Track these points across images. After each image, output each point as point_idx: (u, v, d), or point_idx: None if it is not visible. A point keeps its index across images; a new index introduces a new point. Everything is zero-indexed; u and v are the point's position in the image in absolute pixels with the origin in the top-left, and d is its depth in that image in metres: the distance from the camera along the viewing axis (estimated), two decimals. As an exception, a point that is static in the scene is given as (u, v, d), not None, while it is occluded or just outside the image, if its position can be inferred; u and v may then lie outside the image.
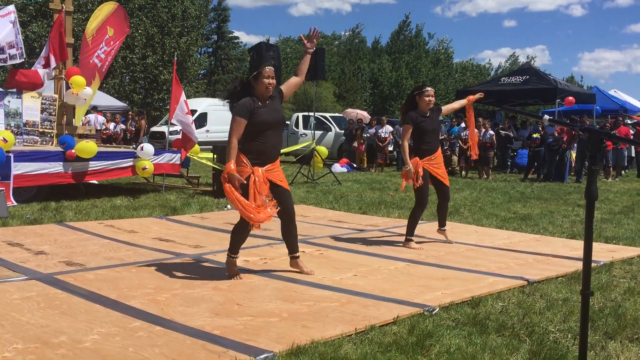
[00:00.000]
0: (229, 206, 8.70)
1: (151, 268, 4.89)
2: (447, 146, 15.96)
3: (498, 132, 16.24)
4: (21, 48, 9.51)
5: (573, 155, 14.71)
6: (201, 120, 20.65)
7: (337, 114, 24.54)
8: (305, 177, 12.93)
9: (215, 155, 10.67)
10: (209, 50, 46.99)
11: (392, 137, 17.28)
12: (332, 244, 6.07)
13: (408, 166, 5.80)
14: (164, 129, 18.45)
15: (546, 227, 7.37)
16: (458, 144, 15.73)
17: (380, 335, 3.41)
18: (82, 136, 10.21)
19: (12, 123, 9.51)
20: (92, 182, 10.40)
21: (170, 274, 4.68)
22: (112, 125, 17.91)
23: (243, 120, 4.39)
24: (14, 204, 8.15)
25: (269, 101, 4.53)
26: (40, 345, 3.14)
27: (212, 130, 21.18)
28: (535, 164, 14.86)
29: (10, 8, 9.56)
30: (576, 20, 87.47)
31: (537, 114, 4.25)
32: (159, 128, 20.89)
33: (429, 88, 5.99)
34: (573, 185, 13.00)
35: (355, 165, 17.43)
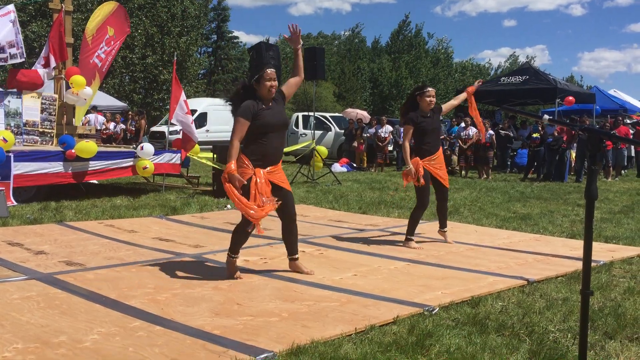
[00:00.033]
0: (229, 206, 8.70)
1: (151, 268, 4.89)
2: (447, 146, 15.96)
3: (498, 132, 16.25)
4: (21, 47, 9.50)
5: (573, 154, 14.71)
6: (201, 120, 20.63)
7: (337, 114, 24.55)
8: (305, 177, 12.94)
9: (215, 155, 10.66)
10: (208, 50, 46.97)
11: (392, 136, 17.29)
12: (332, 244, 6.07)
13: (408, 166, 5.82)
14: (164, 128, 18.45)
15: (546, 227, 7.38)
16: (458, 143, 15.74)
17: (380, 335, 3.41)
18: (82, 136, 10.21)
19: (12, 123, 9.51)
20: (92, 181, 10.40)
21: (170, 273, 4.69)
22: (112, 125, 17.93)
23: (246, 122, 4.38)
24: (14, 203, 8.16)
25: (272, 103, 4.53)
26: (40, 345, 3.14)
27: (212, 130, 21.17)
28: (535, 163, 14.87)
29: (9, 7, 9.55)
30: (576, 19, 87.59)
31: (537, 114, 4.26)
32: (159, 128, 20.88)
33: (430, 88, 5.98)
34: (573, 185, 13.00)
35: (355, 165, 17.44)
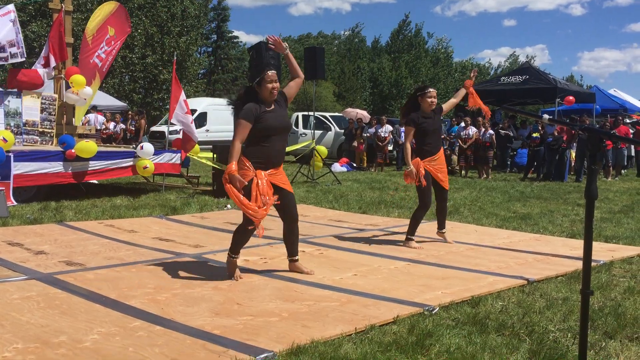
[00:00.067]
0: (229, 205, 8.70)
1: (151, 268, 4.89)
2: (447, 146, 15.96)
3: (498, 132, 16.25)
4: (22, 47, 9.50)
5: (573, 154, 14.72)
6: (201, 120, 20.63)
7: (336, 114, 24.55)
8: (305, 177, 12.94)
9: (215, 155, 10.66)
10: (208, 50, 46.95)
11: (392, 136, 17.29)
12: (332, 244, 6.07)
13: (410, 167, 5.82)
14: (164, 128, 18.45)
15: (546, 227, 7.37)
16: (458, 143, 15.74)
17: (380, 334, 3.41)
18: (82, 136, 10.21)
19: (12, 123, 9.51)
20: (92, 181, 10.39)
21: (170, 273, 4.69)
22: (112, 124, 17.93)
23: (248, 124, 4.37)
24: (14, 203, 8.16)
25: (274, 106, 4.53)
26: (40, 345, 3.14)
27: (212, 130, 21.17)
28: (535, 163, 14.86)
29: (9, 7, 9.55)
30: (576, 19, 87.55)
31: (537, 114, 4.24)
32: (158, 128, 20.89)
33: (431, 89, 5.97)
34: (573, 185, 13.00)
35: (355, 164, 17.43)
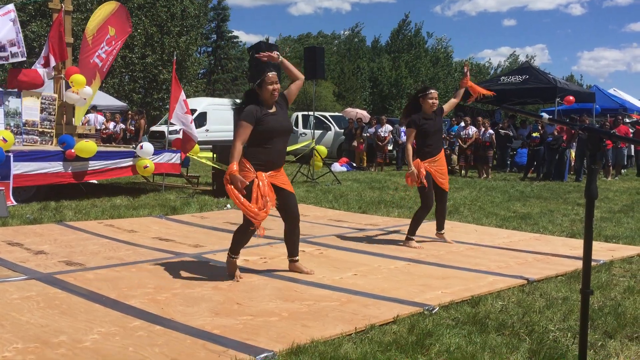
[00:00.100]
0: (228, 205, 8.70)
1: (151, 267, 4.89)
2: (447, 145, 15.96)
3: (497, 131, 16.25)
4: (22, 46, 9.51)
5: (572, 154, 14.72)
6: (201, 120, 20.64)
7: (336, 113, 24.56)
8: (305, 177, 12.94)
9: (214, 155, 10.66)
10: (208, 50, 46.91)
11: (392, 136, 17.29)
12: (332, 243, 6.07)
13: (411, 169, 5.81)
14: (164, 128, 18.44)
15: (546, 226, 7.38)
16: (458, 143, 15.74)
17: (380, 334, 3.41)
18: (82, 136, 10.21)
19: (12, 123, 9.51)
20: (92, 181, 10.39)
21: (170, 273, 4.68)
22: (111, 124, 17.93)
23: (249, 125, 4.38)
24: (14, 203, 8.15)
25: (275, 108, 4.54)
26: (40, 344, 3.14)
27: (212, 130, 21.18)
28: (535, 163, 14.87)
29: (9, 7, 9.55)
30: (576, 19, 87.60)
31: (537, 113, 4.25)
32: (158, 127, 20.89)
33: (432, 90, 5.97)
34: (572, 184, 13.00)
35: (354, 164, 17.44)
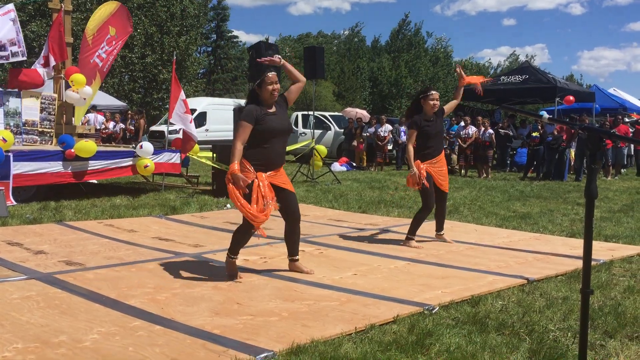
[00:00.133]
0: (228, 205, 8.70)
1: (151, 267, 4.89)
2: (447, 145, 15.96)
3: (497, 131, 16.25)
4: (22, 46, 9.51)
5: (572, 153, 14.72)
6: (200, 120, 20.63)
7: (336, 113, 24.56)
8: (305, 176, 12.94)
9: (214, 155, 10.66)
10: (208, 50, 46.95)
11: (392, 136, 17.28)
12: (331, 243, 6.07)
13: (413, 170, 5.81)
14: (164, 128, 18.44)
15: (546, 226, 7.38)
16: (457, 142, 15.74)
17: (380, 334, 3.41)
18: (82, 135, 10.21)
19: (12, 122, 9.51)
20: (92, 181, 10.39)
21: (170, 273, 4.68)
22: (111, 124, 17.93)
23: (249, 125, 4.39)
24: (14, 203, 8.15)
25: (274, 108, 4.55)
26: (40, 344, 3.14)
27: (212, 130, 21.18)
28: (535, 162, 14.87)
29: (9, 6, 9.55)
30: (575, 18, 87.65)
31: (537, 113, 4.25)
32: (158, 127, 20.88)
33: (434, 92, 5.96)
34: (572, 184, 13.00)
35: (354, 164, 17.43)
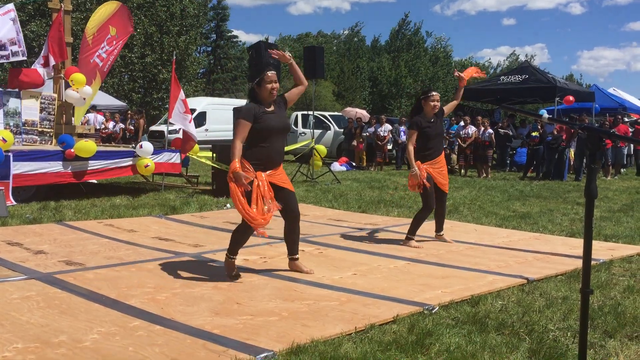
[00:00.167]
0: (228, 205, 8.70)
1: (151, 267, 4.89)
2: (447, 145, 15.96)
3: (497, 131, 16.26)
4: (22, 46, 9.51)
5: (572, 153, 14.72)
6: (200, 119, 20.63)
7: (336, 113, 24.57)
8: (305, 176, 12.94)
9: (214, 154, 10.66)
10: (207, 49, 46.95)
11: (391, 135, 17.28)
12: (331, 243, 6.07)
13: (414, 170, 5.80)
14: (163, 128, 18.44)
15: (545, 226, 7.38)
16: (457, 142, 15.74)
17: (380, 334, 3.41)
18: (81, 135, 10.21)
19: (11, 122, 9.50)
20: (92, 181, 10.39)
21: (169, 273, 4.68)
22: (111, 124, 17.94)
23: (247, 123, 4.40)
24: (13, 203, 8.15)
25: (273, 107, 4.55)
26: (40, 344, 3.14)
27: (211, 129, 21.17)
28: (534, 162, 14.87)
29: (9, 6, 9.55)
30: (575, 18, 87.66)
31: (536, 112, 4.25)
32: (158, 127, 20.88)
33: (434, 93, 5.97)
34: (572, 184, 13.01)
35: (354, 164, 17.44)
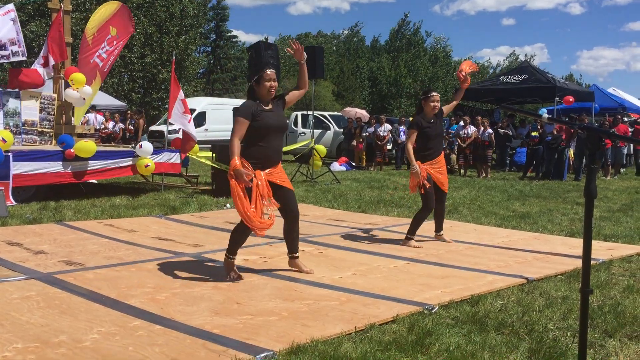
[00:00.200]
0: (228, 205, 8.70)
1: (151, 267, 4.89)
2: (446, 144, 15.96)
3: (497, 131, 16.26)
4: (23, 46, 9.51)
5: (572, 153, 14.73)
6: (200, 119, 20.63)
7: (336, 113, 24.57)
8: (304, 176, 12.94)
9: (214, 154, 10.66)
10: (207, 49, 46.95)
11: (391, 135, 17.29)
12: (331, 243, 6.07)
13: (415, 167, 5.80)
14: (163, 128, 18.44)
15: (545, 225, 7.38)
16: (457, 142, 15.74)
17: (380, 333, 3.41)
18: (81, 135, 10.21)
19: (11, 122, 9.50)
20: (92, 181, 10.39)
21: (169, 273, 4.69)
22: (110, 124, 17.94)
23: (245, 121, 4.40)
24: (13, 203, 8.15)
25: (271, 105, 4.56)
26: (40, 344, 3.14)
27: (211, 129, 21.17)
28: (534, 162, 14.88)
29: (9, 6, 9.55)
30: (575, 18, 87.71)
31: (536, 112, 4.25)
32: (157, 127, 20.88)
33: (434, 93, 5.97)
34: (572, 184, 13.00)
35: (354, 164, 17.44)
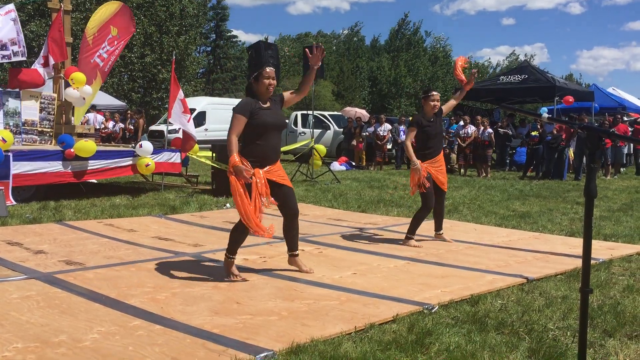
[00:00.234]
0: (228, 204, 8.70)
1: (150, 267, 4.89)
2: (446, 144, 15.96)
3: (497, 130, 16.26)
4: (23, 46, 9.51)
5: (571, 152, 14.73)
6: (200, 119, 20.61)
7: (335, 113, 24.56)
8: (304, 176, 12.94)
9: (214, 154, 10.66)
10: (207, 49, 46.95)
11: (391, 135, 17.29)
12: (331, 242, 6.07)
13: (415, 164, 5.80)
14: (163, 127, 18.43)
15: (545, 225, 7.38)
16: (457, 142, 15.74)
17: (380, 333, 3.41)
18: (81, 135, 10.20)
19: (11, 122, 9.50)
20: (91, 181, 10.39)
21: (169, 272, 4.69)
22: (110, 124, 17.95)
23: (243, 118, 4.41)
24: (13, 203, 8.15)
25: (269, 103, 4.56)
26: (40, 344, 3.14)
27: (211, 129, 21.16)
28: (534, 161, 14.88)
29: (10, 6, 9.55)
30: (575, 18, 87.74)
31: (536, 112, 4.26)
32: (157, 127, 20.87)
33: (434, 93, 5.98)
34: (572, 183, 13.01)
35: (354, 163, 17.44)
